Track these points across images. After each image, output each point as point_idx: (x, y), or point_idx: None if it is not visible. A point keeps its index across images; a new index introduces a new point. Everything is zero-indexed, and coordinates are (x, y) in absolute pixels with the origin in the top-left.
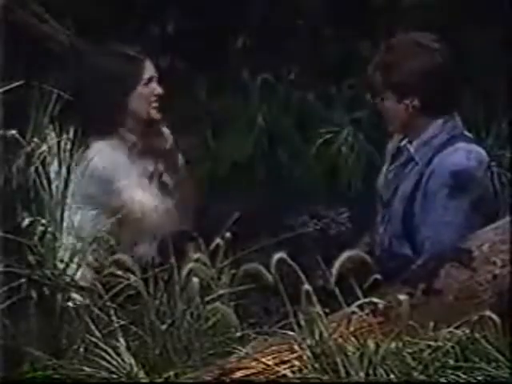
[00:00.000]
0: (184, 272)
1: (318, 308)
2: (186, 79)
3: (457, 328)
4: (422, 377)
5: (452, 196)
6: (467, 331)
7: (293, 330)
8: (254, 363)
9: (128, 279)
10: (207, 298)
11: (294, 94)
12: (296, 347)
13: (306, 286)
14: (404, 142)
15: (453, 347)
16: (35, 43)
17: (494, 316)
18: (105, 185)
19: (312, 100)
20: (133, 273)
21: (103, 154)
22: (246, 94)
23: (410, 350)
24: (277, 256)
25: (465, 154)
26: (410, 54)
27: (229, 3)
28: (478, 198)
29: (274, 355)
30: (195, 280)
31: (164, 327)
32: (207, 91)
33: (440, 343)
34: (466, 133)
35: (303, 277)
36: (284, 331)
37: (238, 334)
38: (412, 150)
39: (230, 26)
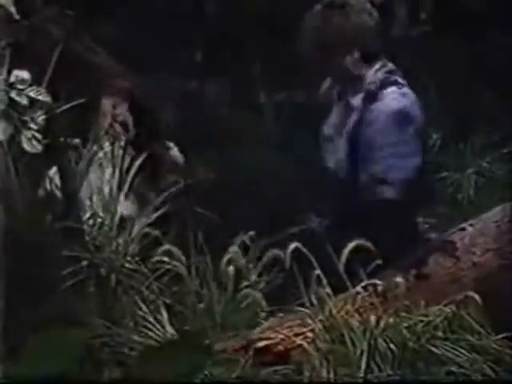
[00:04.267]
0: (223, 261)
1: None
2: (213, 99)
3: (445, 306)
4: (415, 346)
5: (396, 132)
6: (453, 308)
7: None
8: (273, 335)
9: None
10: (242, 285)
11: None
12: (309, 321)
13: (317, 271)
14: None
15: (441, 322)
16: (88, 71)
17: (475, 296)
18: None
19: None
20: (179, 260)
21: None
22: (262, 112)
23: (405, 324)
24: (292, 246)
25: (397, 96)
26: (343, 13)
27: (249, 35)
28: (416, 129)
29: (289, 329)
30: (231, 268)
31: (202, 306)
32: (231, 109)
33: (430, 318)
34: (398, 78)
35: (315, 262)
36: (300, 308)
37: (264, 314)
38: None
39: (250, 53)
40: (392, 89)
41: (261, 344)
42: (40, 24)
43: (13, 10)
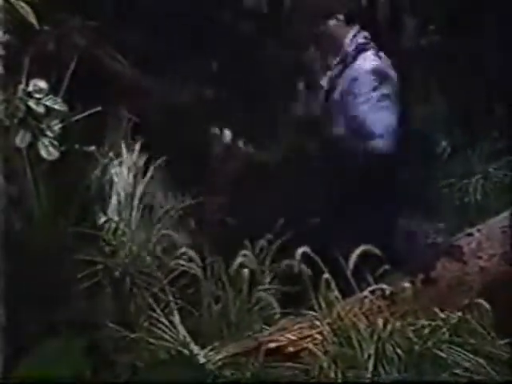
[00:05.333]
0: (235, 265)
1: (336, 293)
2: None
3: (451, 310)
4: (421, 349)
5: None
6: (459, 313)
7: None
8: (282, 337)
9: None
10: (256, 289)
11: None
12: (317, 323)
13: (326, 275)
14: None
15: (447, 325)
16: (106, 76)
17: (481, 301)
18: None
19: None
20: (195, 263)
21: None
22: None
23: (412, 328)
24: (300, 250)
25: (373, 58)
26: None
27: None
28: (391, 87)
29: (298, 331)
30: (245, 270)
31: (218, 307)
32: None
33: (437, 322)
34: (373, 44)
35: (323, 267)
36: (309, 312)
37: (277, 316)
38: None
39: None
40: (368, 53)
41: (272, 345)
42: (61, 34)
43: (34, 20)
